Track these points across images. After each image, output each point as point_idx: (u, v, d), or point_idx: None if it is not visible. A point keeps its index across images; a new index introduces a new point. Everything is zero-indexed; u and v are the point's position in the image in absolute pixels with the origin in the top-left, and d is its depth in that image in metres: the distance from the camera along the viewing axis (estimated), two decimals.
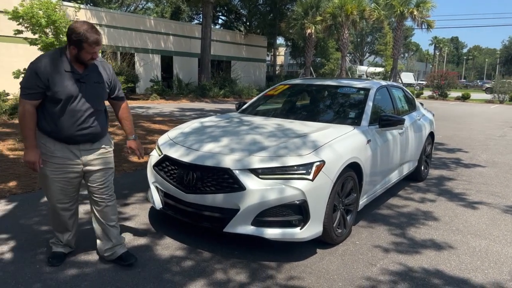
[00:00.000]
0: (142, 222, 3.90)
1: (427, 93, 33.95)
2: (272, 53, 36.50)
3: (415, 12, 17.69)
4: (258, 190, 3.05)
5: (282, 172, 3.14)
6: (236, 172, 3.11)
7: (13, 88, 14.76)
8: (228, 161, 3.18)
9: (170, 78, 24.42)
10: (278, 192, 3.06)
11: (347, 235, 3.71)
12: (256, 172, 3.13)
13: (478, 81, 72.36)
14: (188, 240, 3.52)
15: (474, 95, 33.57)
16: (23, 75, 14.61)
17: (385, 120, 4.14)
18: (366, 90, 4.59)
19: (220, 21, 35.40)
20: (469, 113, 18.71)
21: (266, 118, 4.42)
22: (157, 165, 3.61)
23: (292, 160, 3.17)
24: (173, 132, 4.03)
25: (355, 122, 4.14)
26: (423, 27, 19.21)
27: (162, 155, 3.58)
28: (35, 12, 14.47)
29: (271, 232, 3.10)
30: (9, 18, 14.41)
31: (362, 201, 3.98)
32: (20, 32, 14.60)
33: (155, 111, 14.44)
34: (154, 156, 3.74)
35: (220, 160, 3.21)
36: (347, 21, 19.93)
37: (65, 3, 17.86)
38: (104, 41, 20.68)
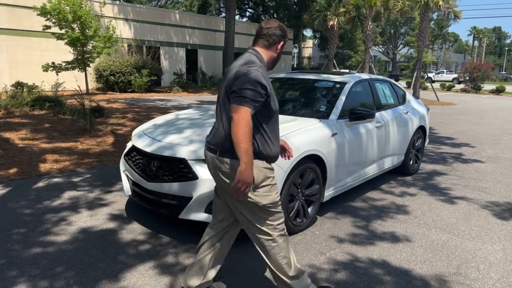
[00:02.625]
0: (117, 208, 4.16)
1: (460, 86, 32.84)
2: (301, 45, 36.35)
3: (440, 2, 17.12)
4: (209, 179, 3.21)
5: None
6: (191, 162, 3.29)
7: (40, 81, 15.61)
8: (184, 152, 3.36)
9: (195, 71, 24.86)
10: None
11: (308, 225, 3.82)
12: None
13: None
14: (154, 225, 3.75)
15: (511, 88, 32.15)
16: (52, 68, 15.43)
17: (354, 113, 4.19)
18: (342, 84, 4.64)
19: (247, 13, 35.53)
20: (497, 107, 18.02)
21: None
22: (127, 154, 3.85)
23: None
24: (147, 124, 4.26)
25: (325, 115, 4.21)
26: (450, 17, 18.62)
27: (131, 146, 3.82)
28: (62, 8, 15.11)
29: None
30: (38, 14, 15.18)
31: (328, 193, 4.07)
32: (48, 27, 15.34)
33: (173, 103, 14.82)
34: (128, 147, 3.98)
35: (177, 150, 3.40)
36: (371, 12, 19.56)
37: None
38: (130, 35, 21.33)
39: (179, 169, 3.34)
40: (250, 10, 34.99)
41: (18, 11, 17.32)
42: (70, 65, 16.20)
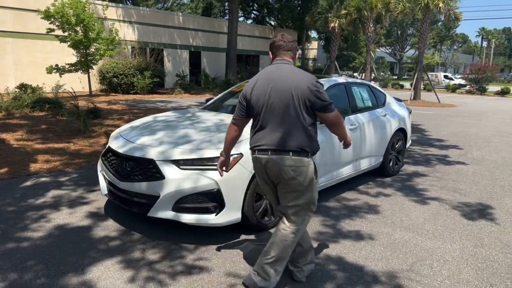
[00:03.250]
0: (97, 207, 4.35)
1: (465, 87, 32.67)
2: (304, 47, 36.45)
3: (441, 4, 17.12)
4: (176, 179, 3.39)
5: (200, 163, 3.46)
6: (159, 163, 3.47)
7: (45, 83, 15.93)
8: (153, 153, 3.54)
9: (198, 73, 25.11)
10: (193, 181, 3.39)
11: (276, 223, 3.96)
12: (178, 163, 3.47)
13: None
14: (128, 223, 3.92)
15: None
16: (55, 70, 15.72)
17: None
18: None
19: (252, 15, 35.73)
20: (497, 109, 17.98)
21: (216, 113, 4.73)
22: (104, 155, 4.04)
23: (209, 153, 3.48)
24: (125, 126, 4.45)
25: None
26: (451, 19, 18.60)
27: (107, 147, 4.00)
28: (65, 11, 15.42)
29: (188, 218, 3.44)
30: (42, 18, 15.50)
31: None
32: (52, 30, 15.66)
33: (173, 105, 15.04)
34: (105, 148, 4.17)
35: (147, 152, 3.58)
36: (372, 14, 19.62)
37: (95, 1, 18.83)
38: (134, 37, 21.64)
39: (148, 169, 3.51)
40: (255, 12, 35.21)
41: (24, 14, 17.69)
42: (73, 67, 16.52)
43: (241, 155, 3.51)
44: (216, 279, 2.99)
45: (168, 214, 3.45)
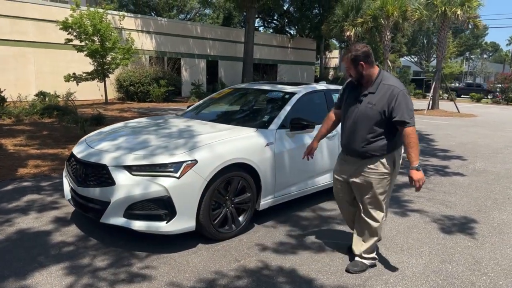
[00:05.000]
0: (65, 212, 4.35)
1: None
2: (324, 56, 36.25)
3: (459, 12, 16.63)
4: (126, 185, 3.35)
5: (152, 170, 3.41)
6: (111, 168, 3.44)
7: (64, 90, 16.36)
8: (107, 159, 3.52)
9: (215, 82, 25.29)
10: (143, 187, 3.34)
11: (238, 232, 3.86)
12: (130, 168, 3.43)
13: None
14: (89, 229, 3.90)
15: None
16: (72, 79, 16.14)
17: (294, 124, 4.22)
18: (291, 94, 4.68)
19: (272, 25, 35.82)
20: None
21: (188, 120, 4.69)
22: (68, 160, 4.05)
23: (162, 159, 3.43)
24: (94, 132, 4.46)
25: (265, 125, 4.26)
26: (470, 27, 18.06)
27: (71, 152, 4.02)
28: (83, 22, 15.87)
29: (139, 225, 3.39)
30: (60, 28, 16.00)
31: (266, 201, 4.10)
32: (70, 40, 16.15)
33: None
34: None
35: (101, 157, 3.56)
36: (388, 23, 19.28)
37: (111, 12, 19.31)
38: (151, 47, 22.03)
39: (102, 175, 3.49)
40: (275, 22, 35.29)
41: (45, 25, 18.30)
42: (89, 76, 16.94)
43: (195, 161, 3.44)
44: None
45: (120, 220, 3.41)
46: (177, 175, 3.37)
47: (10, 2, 17.38)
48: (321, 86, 5.18)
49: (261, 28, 36.78)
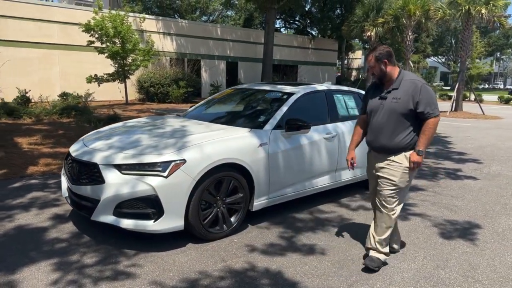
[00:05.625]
0: (65, 209, 4.44)
1: None
2: (347, 56, 35.84)
3: (483, 11, 16.11)
4: (115, 183, 3.40)
5: (141, 169, 3.44)
6: (101, 167, 3.49)
7: (84, 91, 16.76)
8: (98, 157, 3.57)
9: (235, 83, 25.39)
10: (131, 186, 3.37)
11: (229, 233, 3.85)
12: (120, 167, 3.47)
13: None
14: (84, 227, 3.97)
15: None
16: (94, 80, 16.51)
17: (289, 124, 4.17)
18: (289, 95, 4.63)
19: (294, 26, 35.67)
20: None
21: (185, 120, 4.71)
22: (65, 158, 4.14)
23: (150, 158, 3.46)
24: (93, 131, 4.54)
25: (260, 125, 4.23)
26: (496, 26, 17.48)
27: (68, 150, 4.10)
28: (104, 24, 16.24)
29: (127, 223, 3.42)
30: (83, 31, 16.42)
31: (260, 202, 4.07)
32: (92, 42, 16.56)
33: None
34: None
35: (93, 156, 3.62)
36: (410, 22, 18.89)
37: (132, 14, 19.66)
38: (172, 49, 22.31)
39: (93, 173, 3.55)
40: (297, 23, 35.14)
41: (69, 27, 18.78)
42: (110, 77, 17.30)
43: (183, 161, 3.45)
44: (137, 287, 2.93)
45: (109, 218, 3.46)
46: (165, 174, 3.38)
47: (36, 6, 17.97)
48: (322, 86, 5.11)
49: (282, 29, 36.67)
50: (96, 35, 16.61)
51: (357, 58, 39.30)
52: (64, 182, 4.12)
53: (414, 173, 3.31)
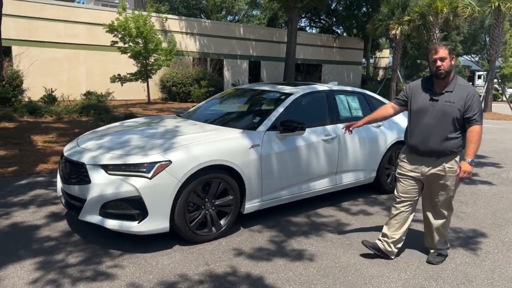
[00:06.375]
0: (62, 208, 4.48)
1: None
2: (374, 55, 35.15)
3: None
4: (100, 184, 3.40)
5: (126, 169, 3.42)
6: (88, 167, 3.50)
7: (111, 90, 17.08)
8: (86, 157, 3.59)
9: (257, 82, 25.35)
10: (116, 187, 3.36)
11: (218, 235, 3.79)
12: (107, 167, 3.47)
13: None
14: (77, 226, 3.99)
15: None
16: (117, 79, 16.80)
17: (284, 126, 4.07)
18: (287, 95, 4.53)
19: (320, 24, 35.27)
20: None
21: (183, 120, 4.68)
22: (61, 157, 4.18)
23: (135, 159, 3.44)
24: (90, 131, 4.57)
25: (254, 126, 4.15)
26: None
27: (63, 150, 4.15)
28: (128, 25, 16.53)
29: (112, 223, 3.42)
30: (106, 31, 16.76)
31: (252, 205, 3.99)
32: (115, 42, 16.89)
33: None
34: None
35: (82, 155, 3.64)
36: (437, 20, 18.28)
37: (155, 14, 19.92)
38: (195, 48, 22.48)
39: (81, 173, 3.56)
40: (322, 21, 34.74)
41: (95, 28, 19.20)
42: (133, 77, 17.59)
43: (169, 162, 3.42)
44: None
45: (95, 218, 3.46)
46: (149, 175, 3.36)
47: (63, 8, 18.49)
48: (324, 86, 4.97)
49: (307, 28, 36.34)
50: (119, 36, 16.95)
51: (385, 57, 38.44)
52: (59, 181, 4.17)
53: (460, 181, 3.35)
